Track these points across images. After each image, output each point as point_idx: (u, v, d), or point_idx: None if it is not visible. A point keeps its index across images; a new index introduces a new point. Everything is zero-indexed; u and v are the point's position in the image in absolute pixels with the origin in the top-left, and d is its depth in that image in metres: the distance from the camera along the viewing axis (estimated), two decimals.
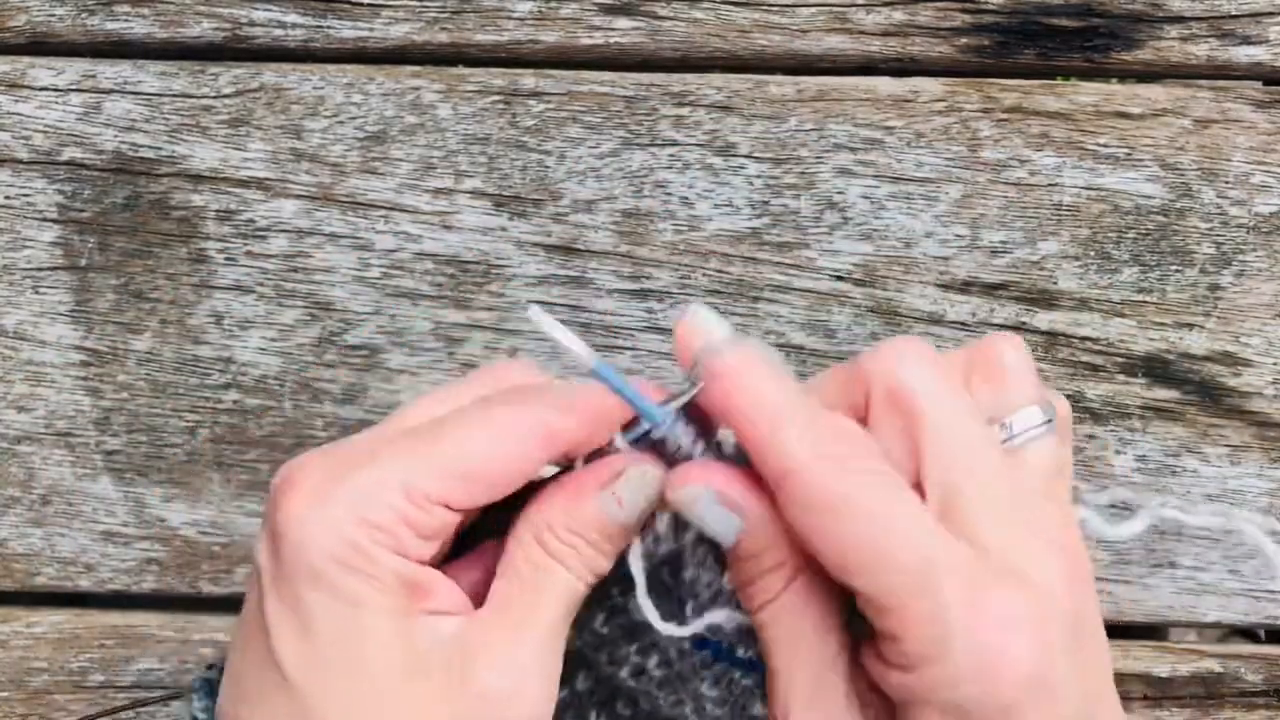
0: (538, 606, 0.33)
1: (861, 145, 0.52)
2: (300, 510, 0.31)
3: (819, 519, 0.31)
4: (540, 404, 0.33)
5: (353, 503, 0.31)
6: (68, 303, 0.52)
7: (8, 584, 0.52)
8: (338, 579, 0.31)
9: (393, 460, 0.32)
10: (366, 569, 0.31)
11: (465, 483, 0.32)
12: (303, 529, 0.31)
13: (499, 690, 0.32)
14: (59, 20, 0.53)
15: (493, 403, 0.33)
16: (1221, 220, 0.52)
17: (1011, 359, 0.34)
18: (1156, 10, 0.52)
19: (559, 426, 0.33)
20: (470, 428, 0.33)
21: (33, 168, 0.52)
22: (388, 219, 0.52)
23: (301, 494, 0.32)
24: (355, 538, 0.31)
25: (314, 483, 0.32)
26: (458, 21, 0.53)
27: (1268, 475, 0.52)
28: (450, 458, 0.32)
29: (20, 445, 0.52)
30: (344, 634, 0.31)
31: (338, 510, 0.31)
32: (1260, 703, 0.52)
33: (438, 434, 0.33)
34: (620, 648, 0.40)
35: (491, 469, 0.32)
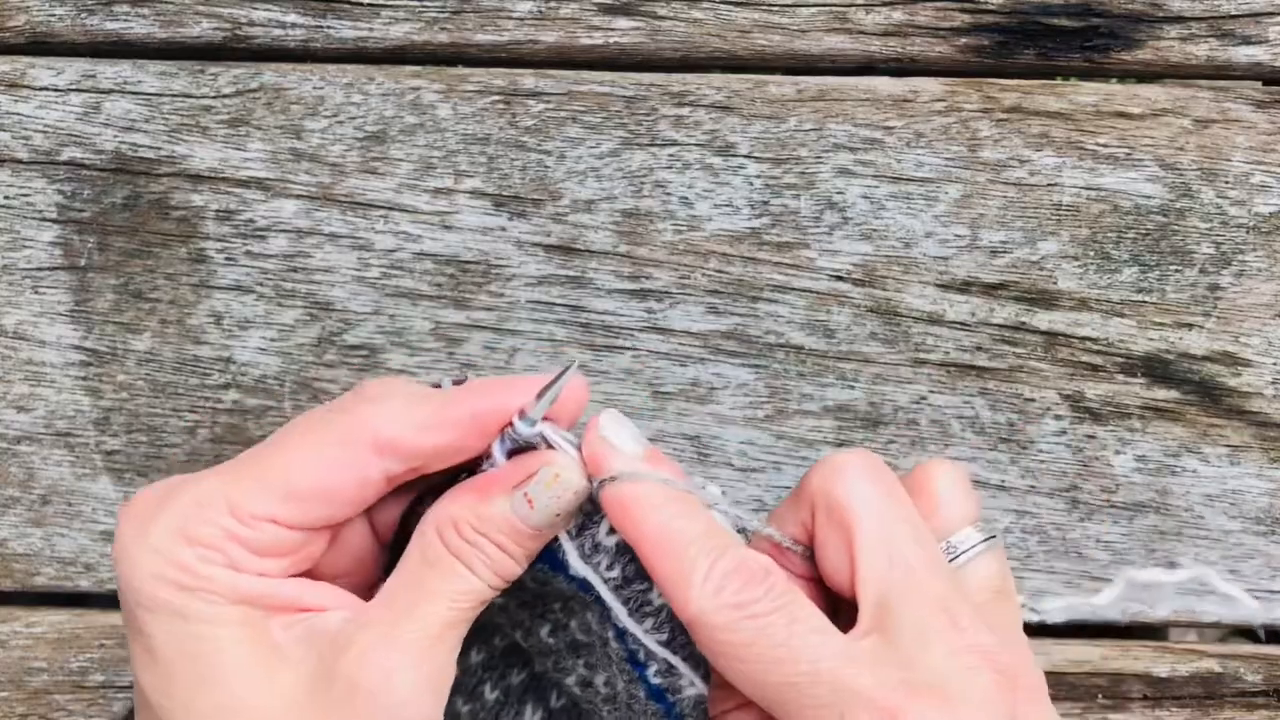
0: (423, 602, 0.32)
1: (861, 145, 0.52)
2: (127, 539, 0.31)
3: (728, 664, 0.31)
4: (371, 414, 0.32)
5: (176, 525, 0.31)
6: (67, 303, 0.52)
7: (8, 584, 0.52)
8: (171, 599, 0.31)
9: (217, 481, 0.32)
10: (198, 585, 0.31)
11: (291, 499, 0.32)
12: (130, 556, 0.31)
13: (369, 680, 0.31)
14: (59, 20, 0.53)
15: (329, 417, 0.33)
16: (1221, 220, 0.52)
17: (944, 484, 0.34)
18: (1156, 10, 0.52)
19: (395, 436, 0.32)
20: (294, 443, 0.32)
21: (32, 168, 0.52)
22: (387, 219, 0.52)
23: (129, 523, 0.32)
24: (181, 558, 0.31)
25: (140, 510, 0.32)
26: (458, 21, 0.53)
27: (1267, 475, 0.52)
28: (272, 474, 0.32)
29: (20, 445, 0.52)
30: (190, 652, 0.31)
31: (159, 531, 0.31)
32: (1260, 703, 0.52)
33: (264, 451, 0.32)
34: (566, 659, 0.39)
35: (316, 484, 0.32)
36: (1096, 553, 0.52)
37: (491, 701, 0.43)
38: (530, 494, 0.33)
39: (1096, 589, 0.38)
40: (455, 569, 0.33)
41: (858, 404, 0.52)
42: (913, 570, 0.32)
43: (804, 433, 0.52)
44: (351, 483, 0.32)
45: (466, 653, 0.42)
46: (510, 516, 0.33)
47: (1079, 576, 0.52)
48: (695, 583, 0.31)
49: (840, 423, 0.52)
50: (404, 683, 0.32)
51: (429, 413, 0.33)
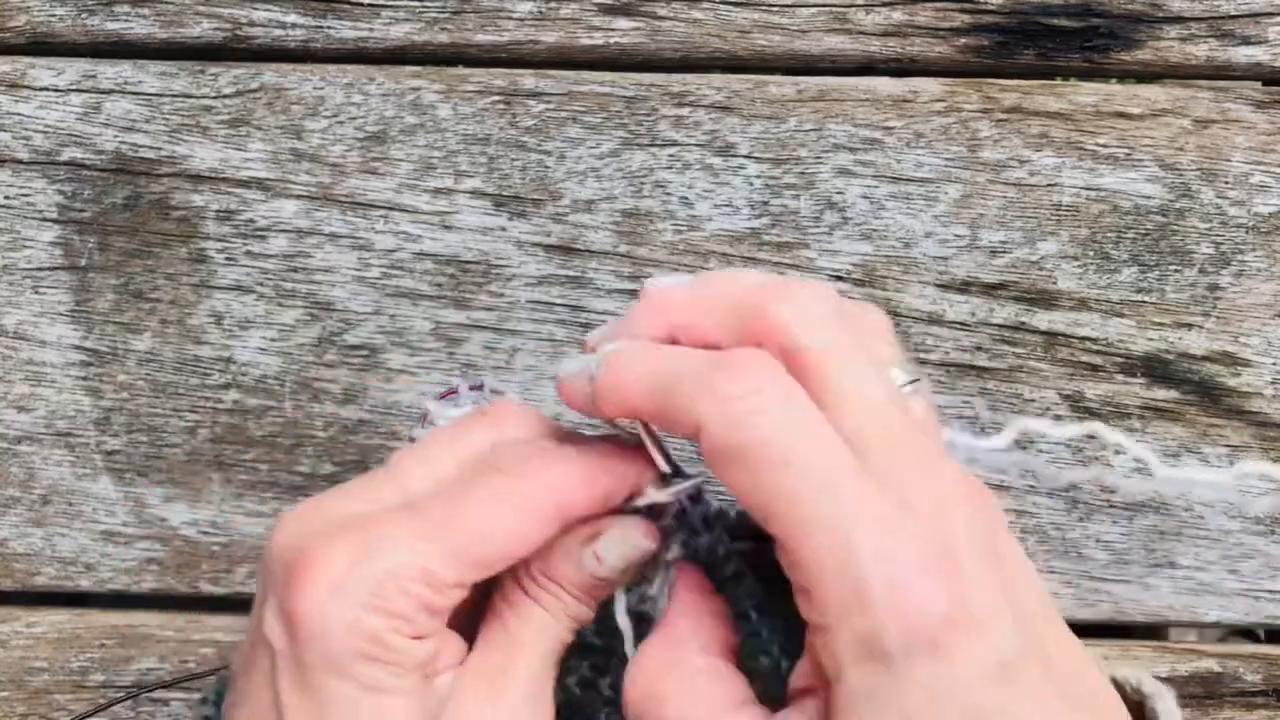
0: (517, 651, 0.33)
1: (861, 145, 0.52)
2: (319, 602, 0.31)
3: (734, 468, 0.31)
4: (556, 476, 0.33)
5: (372, 593, 0.31)
6: (68, 303, 0.52)
7: (8, 584, 0.52)
8: (357, 669, 0.31)
9: (408, 544, 0.31)
10: (386, 658, 0.31)
11: (481, 564, 0.32)
12: (322, 620, 0.31)
13: None
14: (59, 20, 0.53)
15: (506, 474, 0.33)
16: (1221, 220, 0.52)
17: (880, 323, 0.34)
18: (1156, 10, 0.52)
19: (577, 501, 0.33)
20: (485, 505, 0.32)
21: (33, 168, 0.52)
22: (387, 219, 0.52)
23: (319, 585, 0.31)
24: (375, 629, 0.31)
25: (334, 570, 0.31)
26: (458, 21, 0.53)
27: (1268, 475, 0.52)
28: (467, 541, 0.32)
29: (20, 445, 0.52)
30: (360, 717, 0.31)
31: (356, 601, 0.31)
32: (1260, 703, 0.52)
33: (452, 513, 0.32)
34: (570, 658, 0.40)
35: (510, 553, 0.32)
36: (1096, 553, 0.52)
37: None
38: (599, 552, 0.34)
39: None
40: (540, 618, 0.34)
41: None
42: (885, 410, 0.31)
43: None
44: (533, 546, 0.33)
45: None
46: (581, 571, 0.34)
47: (1079, 576, 0.52)
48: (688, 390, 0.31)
49: None
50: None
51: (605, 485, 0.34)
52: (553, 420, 0.36)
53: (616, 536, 0.34)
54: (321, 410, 0.52)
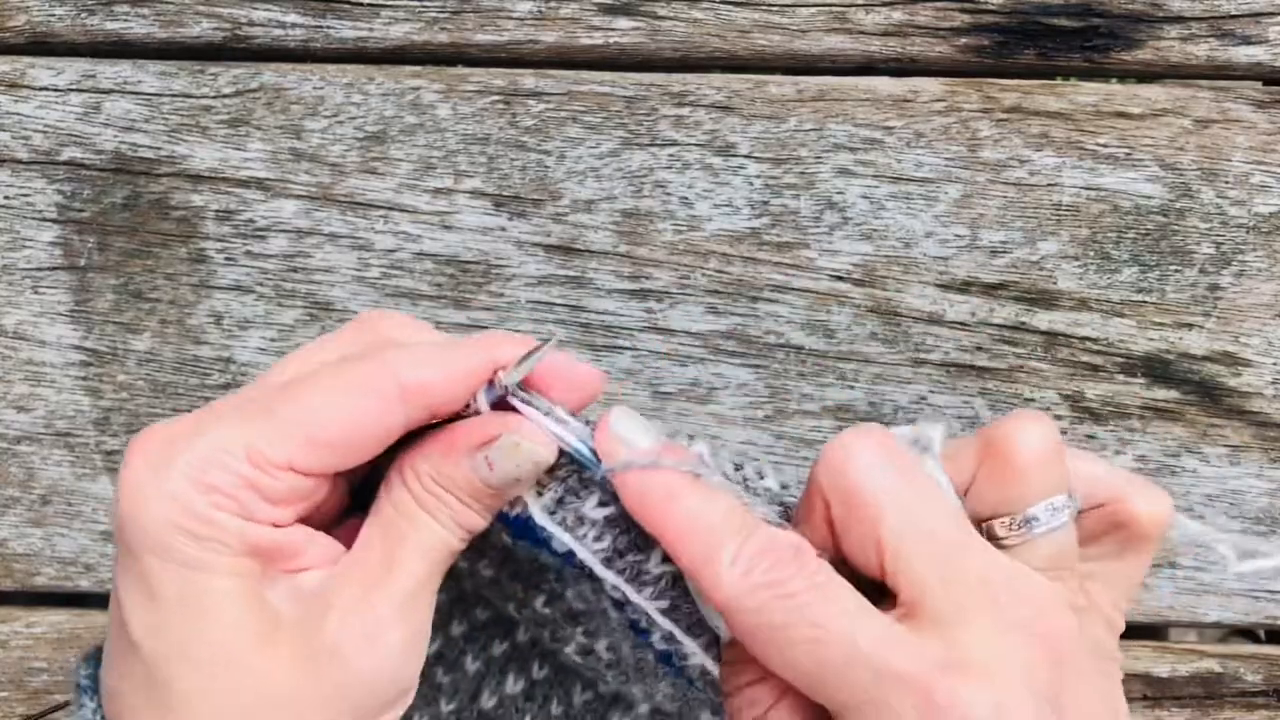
0: (400, 555, 0.32)
1: (861, 145, 0.52)
2: (139, 478, 0.30)
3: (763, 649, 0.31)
4: (401, 363, 0.32)
5: (192, 468, 0.30)
6: (67, 303, 0.52)
7: (8, 584, 0.52)
8: (180, 545, 0.30)
9: (235, 424, 0.31)
10: (209, 534, 0.30)
11: (313, 446, 0.31)
12: (141, 497, 0.30)
13: (352, 643, 0.31)
14: (59, 20, 0.53)
15: (347, 360, 0.32)
16: (1221, 220, 0.52)
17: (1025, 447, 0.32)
18: (1156, 10, 0.52)
19: (420, 387, 0.32)
20: (319, 388, 0.31)
21: (32, 168, 0.52)
22: (387, 219, 0.52)
23: (141, 462, 0.31)
24: (195, 504, 0.30)
25: (154, 449, 0.31)
26: (458, 21, 0.53)
27: (1267, 475, 0.52)
28: (295, 420, 0.31)
29: (20, 445, 0.52)
30: (189, 599, 0.30)
31: (176, 476, 0.30)
32: (1260, 703, 0.52)
33: (285, 395, 0.31)
34: (564, 628, 0.39)
35: (340, 431, 0.31)
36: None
37: (473, 673, 0.43)
38: (491, 457, 0.32)
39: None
40: (422, 520, 0.33)
41: (858, 404, 0.52)
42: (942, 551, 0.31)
43: (804, 433, 0.52)
44: (377, 430, 0.32)
45: (448, 625, 0.42)
46: (470, 475, 0.33)
47: None
48: (723, 566, 0.31)
49: (840, 423, 0.52)
50: (381, 646, 0.32)
51: (454, 361, 0.32)
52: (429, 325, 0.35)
53: (509, 442, 0.32)
54: None
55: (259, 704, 0.31)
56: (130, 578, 0.31)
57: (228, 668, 0.31)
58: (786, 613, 0.30)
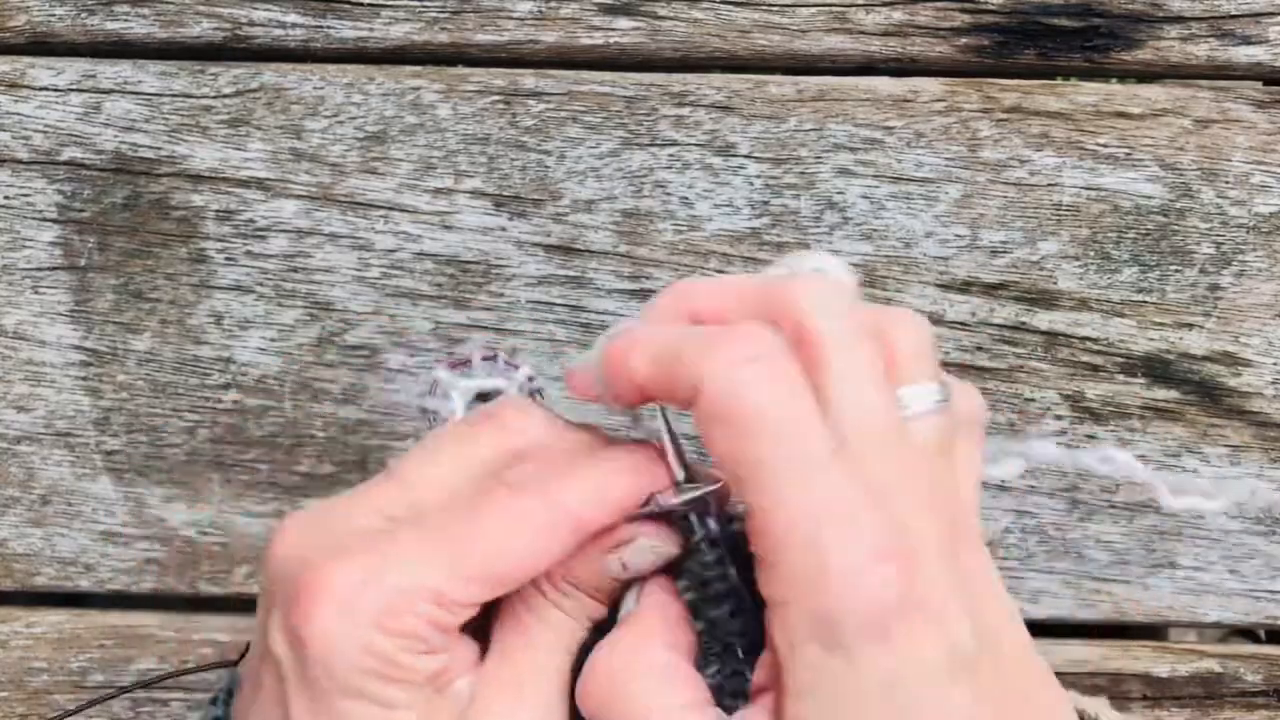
0: (539, 655, 0.33)
1: (861, 145, 0.52)
2: (329, 623, 0.31)
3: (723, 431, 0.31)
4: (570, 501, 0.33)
5: (382, 614, 0.31)
6: (67, 303, 0.52)
7: (8, 584, 0.52)
8: (371, 690, 0.31)
9: (422, 565, 0.31)
10: (397, 675, 0.31)
11: (495, 584, 0.32)
12: (332, 642, 0.31)
13: None
14: (59, 20, 0.53)
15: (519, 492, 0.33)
16: (1221, 220, 0.52)
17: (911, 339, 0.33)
18: (1156, 10, 0.52)
19: (590, 523, 0.33)
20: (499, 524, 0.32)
21: (32, 168, 0.52)
22: (387, 219, 0.52)
23: (328, 603, 0.31)
24: (386, 650, 0.31)
25: (343, 591, 0.31)
26: (458, 21, 0.53)
27: (1268, 475, 0.52)
28: (481, 562, 0.32)
29: (20, 445, 0.52)
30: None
31: (367, 622, 0.31)
32: (1260, 703, 0.52)
33: (464, 532, 0.32)
34: None
35: (523, 573, 0.32)
36: (1096, 553, 0.52)
37: None
38: (626, 560, 0.33)
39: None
40: (559, 621, 0.34)
41: None
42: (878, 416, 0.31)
43: None
44: (547, 564, 0.33)
45: None
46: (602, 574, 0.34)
47: (1079, 577, 0.52)
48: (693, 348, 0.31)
49: None
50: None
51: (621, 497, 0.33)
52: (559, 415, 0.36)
53: (645, 546, 0.33)
54: (321, 410, 0.52)
55: None
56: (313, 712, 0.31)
57: None
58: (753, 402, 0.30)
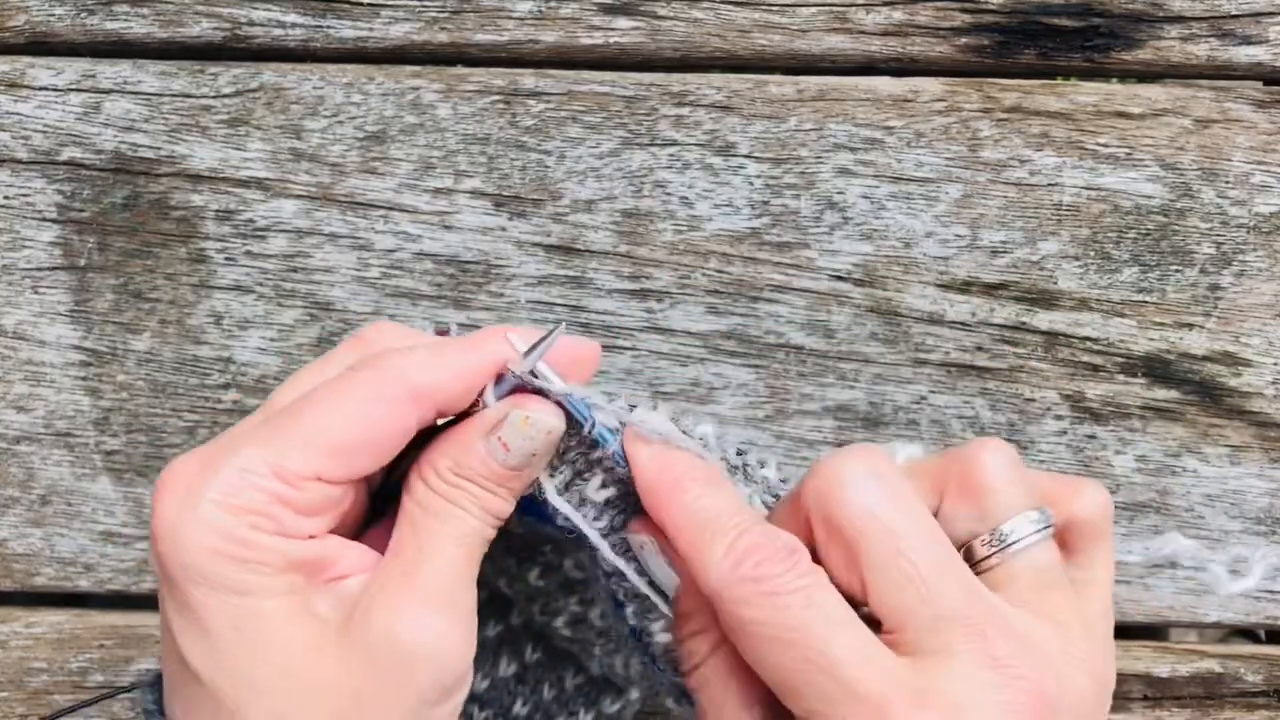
0: (431, 546, 0.33)
1: (861, 145, 0.52)
2: (171, 514, 0.31)
3: (742, 640, 0.31)
4: (406, 366, 0.33)
5: (222, 494, 0.31)
6: (67, 303, 0.52)
7: (7, 584, 0.52)
8: (223, 573, 0.31)
9: (256, 445, 0.32)
10: (251, 556, 0.31)
11: (335, 455, 0.32)
12: (177, 531, 0.31)
13: (402, 635, 0.32)
14: (59, 20, 0.53)
15: (356, 370, 0.33)
16: (1221, 220, 0.52)
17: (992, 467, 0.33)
18: (1156, 10, 0.52)
19: (427, 387, 0.33)
20: (332, 399, 0.32)
21: (32, 168, 0.52)
22: (387, 219, 0.52)
23: (172, 495, 0.31)
24: (232, 528, 0.31)
25: (180, 483, 0.31)
26: (458, 21, 0.53)
27: (1268, 475, 0.52)
28: (315, 432, 0.32)
29: (20, 445, 0.52)
30: (242, 626, 0.31)
31: (208, 505, 0.31)
32: (1260, 703, 0.52)
33: (300, 410, 0.32)
34: (557, 599, 0.40)
35: (359, 437, 0.32)
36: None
37: None
38: (504, 437, 0.33)
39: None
40: (449, 511, 0.33)
41: (858, 404, 0.52)
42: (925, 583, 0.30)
43: (804, 433, 0.52)
44: (392, 432, 0.33)
45: None
46: (488, 460, 0.33)
47: None
48: (715, 556, 0.31)
49: (840, 423, 0.52)
50: (430, 631, 0.32)
51: (456, 360, 0.33)
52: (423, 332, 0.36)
53: (517, 418, 0.33)
54: None
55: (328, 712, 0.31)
56: (180, 612, 0.31)
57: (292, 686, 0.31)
58: (768, 611, 0.30)
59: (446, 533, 0.33)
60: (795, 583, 0.31)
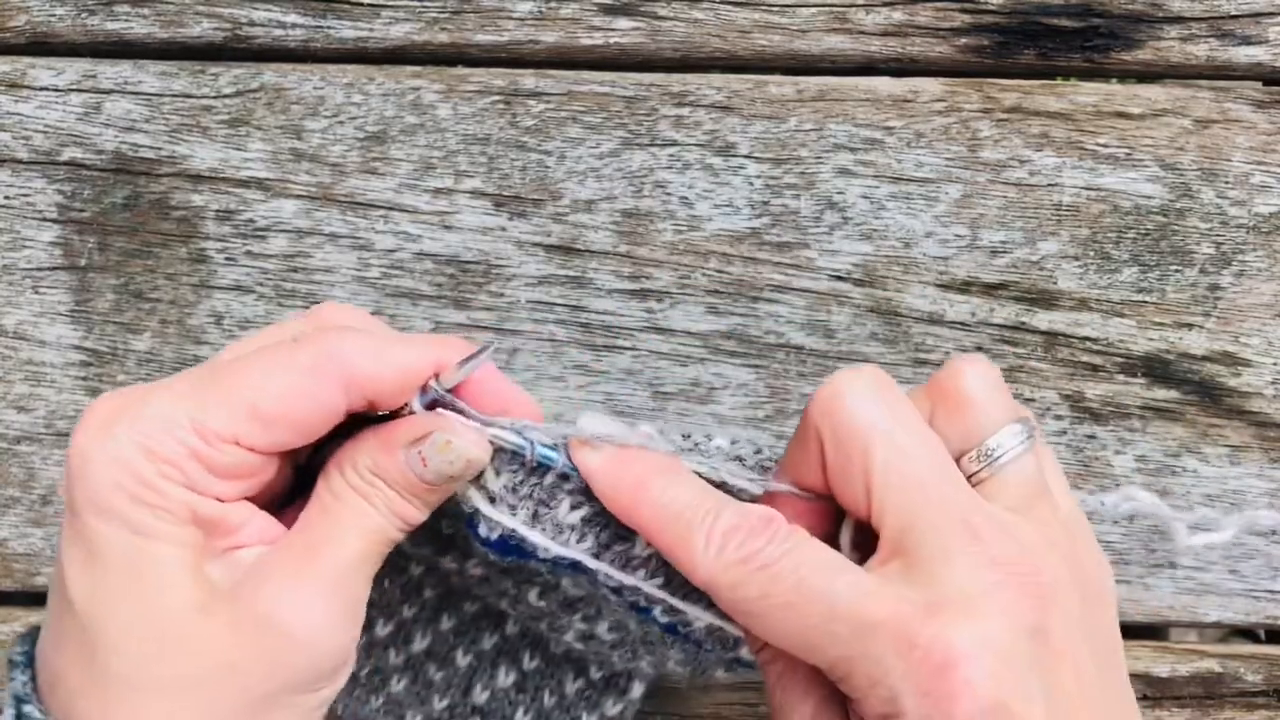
0: (333, 535, 0.33)
1: (861, 145, 0.52)
2: (87, 443, 0.31)
3: (749, 621, 0.32)
4: (345, 348, 0.33)
5: (138, 435, 0.31)
6: (67, 303, 0.52)
7: (8, 584, 0.52)
8: (124, 510, 0.31)
9: (183, 396, 0.32)
10: (154, 501, 0.31)
11: (258, 422, 0.32)
12: (88, 461, 0.31)
13: (285, 612, 0.32)
14: (59, 20, 0.53)
15: (299, 344, 0.33)
16: (1221, 220, 0.52)
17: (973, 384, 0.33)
18: (1156, 10, 0.52)
19: (362, 374, 0.33)
20: (265, 365, 0.32)
21: (33, 168, 0.52)
22: (387, 219, 0.52)
23: (90, 427, 0.31)
24: (141, 470, 0.31)
25: (103, 416, 0.32)
26: (458, 21, 0.53)
27: (1268, 475, 0.52)
28: (239, 394, 0.32)
29: (20, 445, 0.52)
30: (132, 564, 0.31)
31: (124, 442, 0.31)
32: (1260, 703, 0.52)
33: (231, 370, 0.32)
34: (560, 617, 0.40)
35: (284, 408, 0.32)
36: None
37: (464, 667, 0.43)
38: (424, 454, 0.33)
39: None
40: (359, 505, 0.33)
41: None
42: (926, 487, 0.31)
43: None
44: (318, 411, 0.33)
45: (437, 620, 0.43)
46: (405, 469, 0.33)
47: None
48: (698, 549, 0.32)
49: None
50: (316, 615, 0.32)
51: (398, 356, 0.33)
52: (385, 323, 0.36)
53: (439, 440, 0.33)
54: None
55: (195, 671, 0.31)
56: (74, 541, 0.31)
57: (165, 634, 0.31)
58: (763, 584, 0.31)
59: (352, 524, 0.33)
60: (780, 549, 0.31)
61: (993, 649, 0.29)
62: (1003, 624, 0.30)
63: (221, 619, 0.31)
